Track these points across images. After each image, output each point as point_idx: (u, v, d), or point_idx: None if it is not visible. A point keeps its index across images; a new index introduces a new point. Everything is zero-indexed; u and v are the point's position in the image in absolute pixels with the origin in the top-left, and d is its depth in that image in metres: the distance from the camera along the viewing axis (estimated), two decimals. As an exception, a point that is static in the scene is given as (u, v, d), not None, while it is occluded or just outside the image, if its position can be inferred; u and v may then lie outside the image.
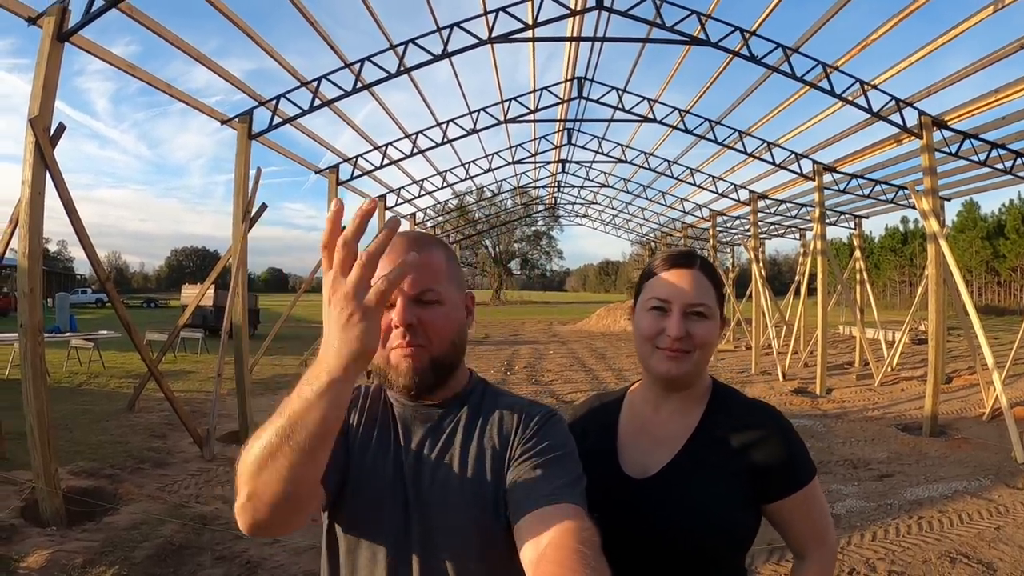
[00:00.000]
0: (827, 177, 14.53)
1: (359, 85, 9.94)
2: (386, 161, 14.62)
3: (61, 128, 5.72)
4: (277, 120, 9.92)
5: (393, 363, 1.24)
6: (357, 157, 14.26)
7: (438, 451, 1.28)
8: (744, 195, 18.72)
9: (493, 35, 9.45)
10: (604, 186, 24.46)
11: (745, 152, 14.41)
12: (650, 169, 18.99)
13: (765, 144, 14.24)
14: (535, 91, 13.78)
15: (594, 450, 1.46)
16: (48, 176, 5.61)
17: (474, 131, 14.37)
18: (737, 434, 1.44)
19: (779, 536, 1.49)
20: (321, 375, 0.94)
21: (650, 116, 14.04)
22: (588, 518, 1.06)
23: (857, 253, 19.16)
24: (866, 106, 10.07)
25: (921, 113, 10.07)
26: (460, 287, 1.34)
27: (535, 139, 18.70)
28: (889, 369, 15.03)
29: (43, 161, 5.55)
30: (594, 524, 1.05)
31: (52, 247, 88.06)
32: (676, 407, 1.51)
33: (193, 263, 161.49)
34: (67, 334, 16.48)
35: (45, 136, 5.54)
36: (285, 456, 0.96)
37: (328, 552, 1.32)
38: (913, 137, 10.34)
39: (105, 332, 17.06)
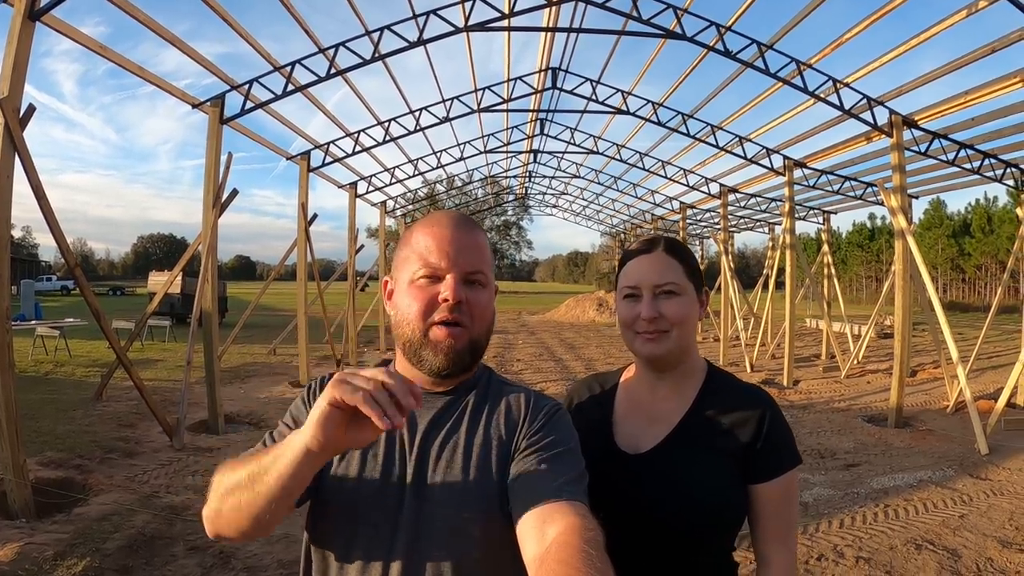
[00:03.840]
0: (797, 172, 14.74)
1: (333, 71, 9.79)
2: (358, 148, 14.46)
3: (31, 110, 5.57)
4: (249, 105, 9.74)
5: (432, 339, 1.22)
6: (329, 144, 14.05)
7: (443, 438, 1.24)
8: (715, 188, 18.93)
9: (469, 23, 9.40)
10: (575, 177, 24.45)
11: (717, 146, 14.54)
12: (622, 161, 19.05)
13: (737, 138, 14.39)
14: (509, 80, 13.73)
15: (589, 424, 1.51)
16: (16, 159, 5.48)
17: (447, 119, 14.26)
18: (730, 415, 1.47)
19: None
20: (296, 442, 0.99)
21: (623, 108, 14.06)
22: (592, 516, 1.04)
23: (825, 248, 19.43)
24: (838, 104, 10.20)
25: (892, 112, 10.25)
26: (493, 276, 1.34)
27: (507, 128, 18.62)
28: (855, 362, 15.33)
29: (12, 143, 5.40)
30: (599, 523, 1.03)
31: (17, 233, 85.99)
32: (671, 387, 1.55)
33: (160, 250, 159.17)
34: (32, 322, 16.11)
35: (15, 117, 5.39)
36: (248, 497, 1.05)
37: (315, 546, 1.25)
38: (883, 135, 10.50)
39: (71, 320, 16.77)
